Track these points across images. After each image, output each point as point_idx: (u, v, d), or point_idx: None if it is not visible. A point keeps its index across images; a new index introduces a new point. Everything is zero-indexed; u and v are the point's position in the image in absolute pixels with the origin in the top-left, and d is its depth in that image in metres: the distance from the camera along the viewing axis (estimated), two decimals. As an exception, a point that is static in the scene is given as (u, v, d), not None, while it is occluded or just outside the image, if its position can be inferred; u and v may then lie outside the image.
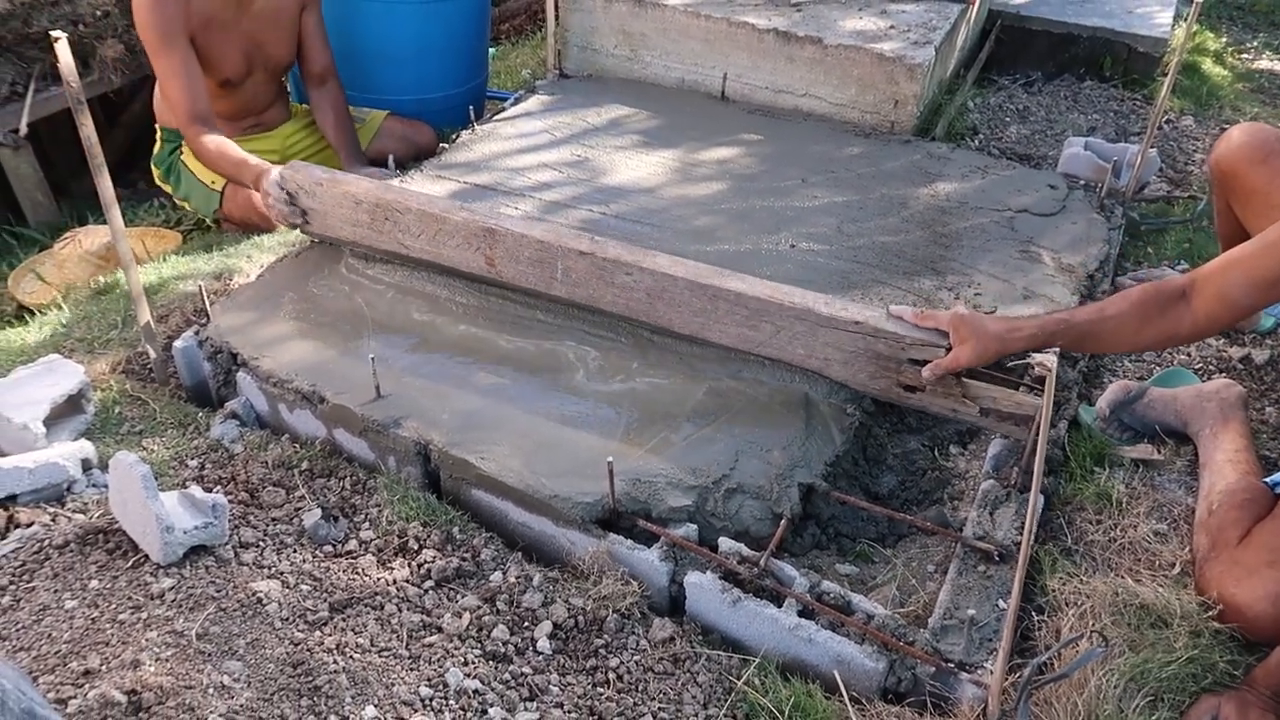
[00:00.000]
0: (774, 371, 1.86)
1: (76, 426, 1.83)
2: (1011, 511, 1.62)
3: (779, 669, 1.44)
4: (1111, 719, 1.30)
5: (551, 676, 1.41)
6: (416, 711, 1.31)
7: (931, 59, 2.82)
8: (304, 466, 1.76)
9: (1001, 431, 1.76)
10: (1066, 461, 1.78)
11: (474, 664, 1.40)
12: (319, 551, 1.58)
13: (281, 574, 1.52)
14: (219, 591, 1.45)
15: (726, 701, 1.40)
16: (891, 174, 2.64)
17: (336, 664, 1.35)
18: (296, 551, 1.57)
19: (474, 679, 1.37)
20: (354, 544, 1.60)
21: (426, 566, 1.56)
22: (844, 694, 1.39)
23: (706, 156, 2.72)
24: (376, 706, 1.30)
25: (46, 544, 1.52)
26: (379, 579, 1.53)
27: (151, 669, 1.30)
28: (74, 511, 1.62)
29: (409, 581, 1.53)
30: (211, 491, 1.62)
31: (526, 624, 1.48)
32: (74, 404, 1.84)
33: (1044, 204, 2.51)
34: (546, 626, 1.47)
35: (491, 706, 1.33)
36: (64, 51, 1.58)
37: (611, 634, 1.47)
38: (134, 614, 1.40)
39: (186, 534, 1.48)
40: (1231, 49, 4.19)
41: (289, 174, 2.16)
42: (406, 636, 1.43)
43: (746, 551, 1.53)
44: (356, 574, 1.53)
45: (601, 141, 2.78)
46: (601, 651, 1.45)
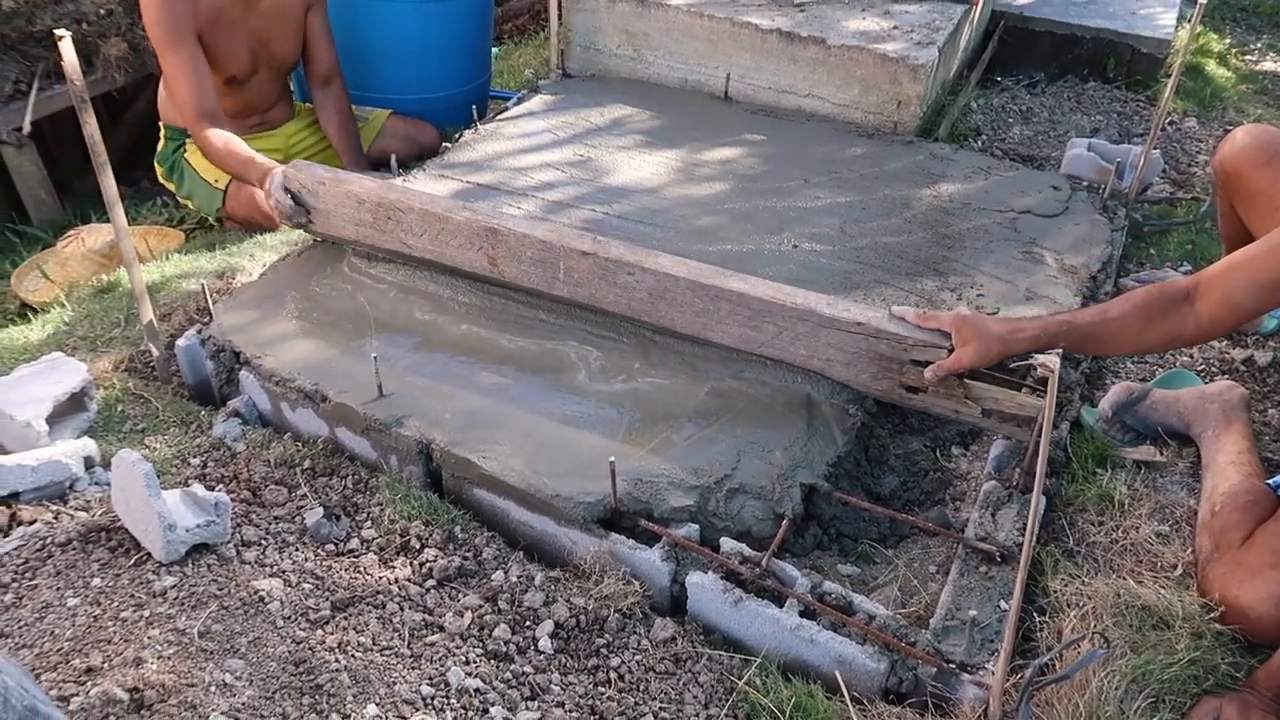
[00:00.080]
0: (776, 372, 1.86)
1: (79, 424, 1.83)
2: (1013, 513, 1.62)
3: (780, 669, 1.44)
4: (1113, 720, 1.30)
5: (553, 676, 1.41)
6: (418, 710, 1.31)
7: (935, 60, 2.82)
8: (306, 465, 1.77)
9: (1003, 433, 1.76)
10: (1068, 463, 1.78)
11: (475, 663, 1.40)
12: (321, 550, 1.58)
13: (283, 572, 1.52)
14: (221, 590, 1.45)
15: (728, 701, 1.40)
16: (894, 175, 2.64)
17: (338, 662, 1.36)
18: (298, 550, 1.57)
19: (475, 678, 1.37)
20: (356, 543, 1.60)
21: (428, 565, 1.56)
22: (845, 694, 1.39)
23: (709, 157, 2.72)
24: (378, 705, 1.30)
25: (49, 541, 1.52)
26: (381, 578, 1.53)
27: (154, 667, 1.30)
28: (76, 509, 1.62)
29: (411, 580, 1.53)
30: (214, 490, 1.62)
31: (528, 623, 1.48)
32: (77, 402, 1.84)
33: (1047, 205, 2.50)
34: (548, 626, 1.47)
35: (493, 705, 1.33)
36: (68, 50, 1.58)
37: (613, 633, 1.47)
38: (136, 612, 1.40)
39: (189, 532, 1.48)
40: (1235, 50, 4.18)
41: (292, 173, 2.16)
42: (408, 635, 1.43)
43: (748, 552, 1.53)
44: (358, 573, 1.53)
45: (604, 141, 2.78)
46: (603, 651, 1.45)
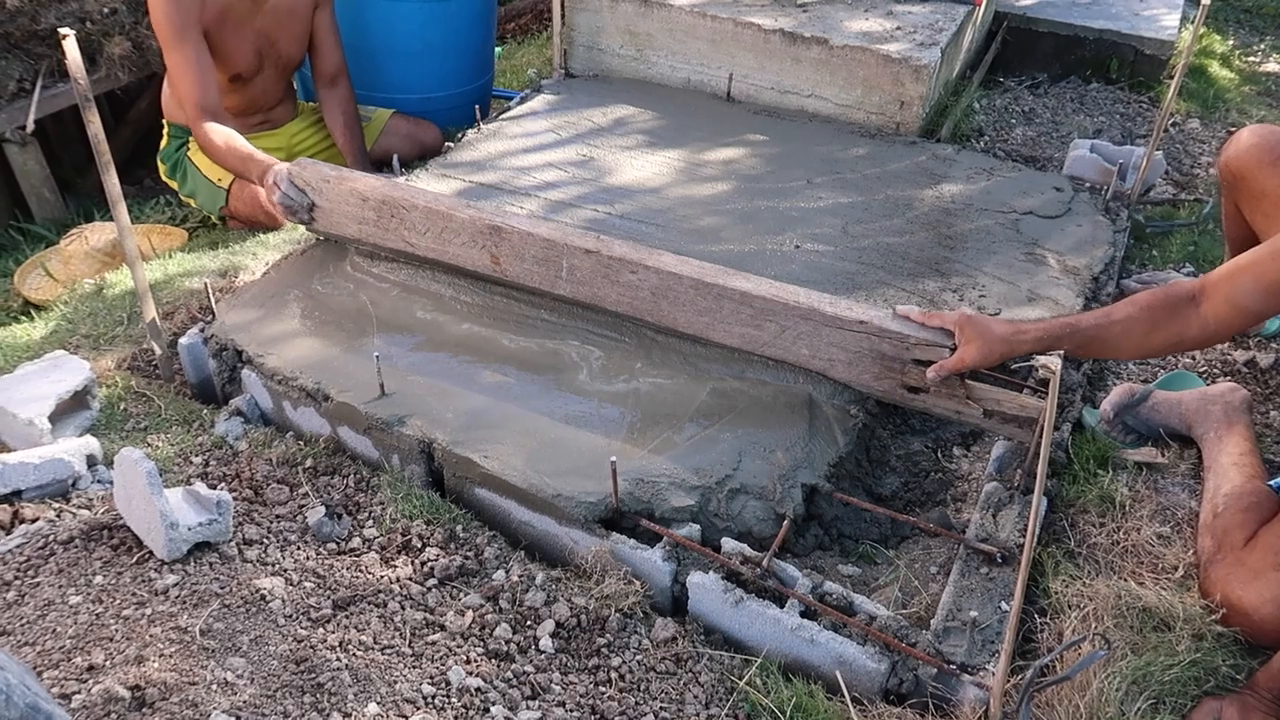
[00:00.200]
0: (778, 372, 1.86)
1: (81, 422, 1.84)
2: (1014, 513, 1.62)
3: (781, 669, 1.44)
4: (1114, 722, 1.30)
5: (554, 675, 1.41)
6: (419, 709, 1.31)
7: (937, 60, 2.82)
8: (308, 464, 1.77)
9: (1005, 434, 1.75)
10: (1070, 464, 1.78)
11: (476, 662, 1.40)
12: (322, 549, 1.58)
13: (285, 571, 1.52)
14: (223, 588, 1.45)
15: (728, 701, 1.40)
16: (897, 175, 2.64)
17: (339, 661, 1.36)
18: (300, 549, 1.57)
19: (476, 677, 1.37)
20: (357, 542, 1.61)
21: (429, 565, 1.56)
22: (846, 695, 1.39)
23: (712, 157, 2.72)
24: (379, 704, 1.30)
25: (51, 539, 1.52)
26: (382, 577, 1.53)
27: (155, 665, 1.30)
28: (79, 507, 1.62)
29: (412, 579, 1.53)
30: (216, 488, 1.63)
31: (529, 623, 1.48)
32: (79, 400, 1.84)
33: (1049, 206, 2.50)
34: (549, 625, 1.47)
35: (494, 705, 1.33)
36: (71, 48, 1.58)
37: (614, 633, 1.47)
38: (138, 610, 1.40)
39: (191, 530, 1.49)
40: (1239, 51, 4.18)
41: (296, 170, 2.16)
42: (409, 634, 1.43)
43: (749, 552, 1.53)
44: (360, 572, 1.53)
45: (607, 141, 2.78)
46: (604, 651, 1.45)
